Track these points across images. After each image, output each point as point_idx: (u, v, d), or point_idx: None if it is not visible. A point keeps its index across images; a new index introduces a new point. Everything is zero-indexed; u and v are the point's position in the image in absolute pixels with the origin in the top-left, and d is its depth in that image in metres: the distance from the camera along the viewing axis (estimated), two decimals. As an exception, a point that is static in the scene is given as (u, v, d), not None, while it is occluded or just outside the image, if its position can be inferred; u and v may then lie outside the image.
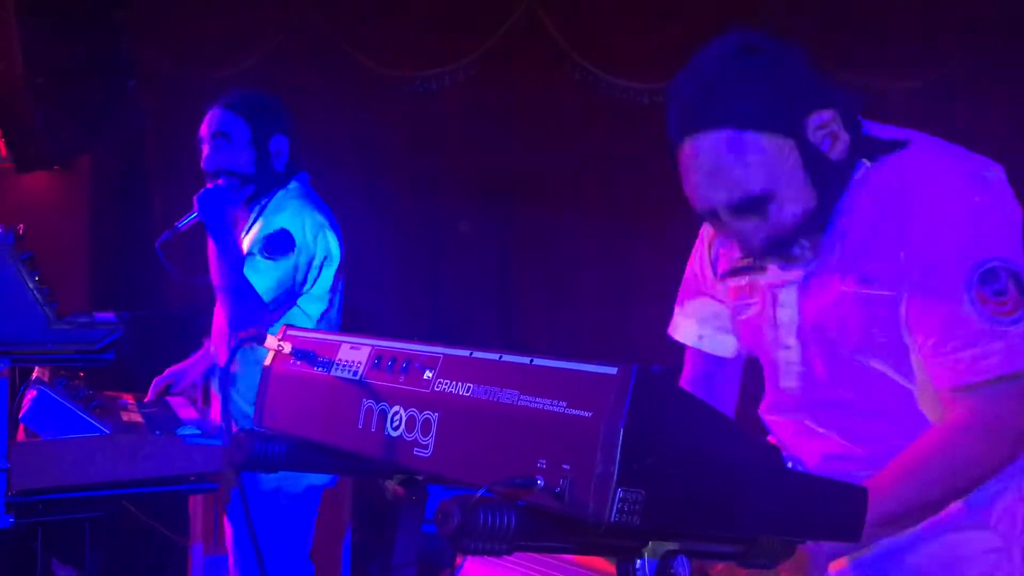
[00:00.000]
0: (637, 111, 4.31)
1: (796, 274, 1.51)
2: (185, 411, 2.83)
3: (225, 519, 2.76)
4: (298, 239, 2.56)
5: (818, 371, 1.52)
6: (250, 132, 2.65)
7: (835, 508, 1.08)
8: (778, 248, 1.46)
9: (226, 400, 1.23)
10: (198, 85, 4.67)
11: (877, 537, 1.39)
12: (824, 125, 1.41)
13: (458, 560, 1.73)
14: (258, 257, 2.53)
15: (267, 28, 4.69)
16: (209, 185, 2.61)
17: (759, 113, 1.37)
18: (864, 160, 1.47)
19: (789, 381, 1.56)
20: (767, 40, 1.42)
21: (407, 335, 1.22)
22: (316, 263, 2.62)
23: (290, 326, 1.34)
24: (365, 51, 4.59)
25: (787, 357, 1.55)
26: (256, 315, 2.54)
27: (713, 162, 1.39)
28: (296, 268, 2.57)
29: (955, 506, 1.44)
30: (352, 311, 2.87)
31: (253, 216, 2.70)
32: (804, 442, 1.57)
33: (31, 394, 2.42)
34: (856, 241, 1.46)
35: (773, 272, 1.54)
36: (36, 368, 2.59)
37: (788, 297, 1.53)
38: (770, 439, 1.63)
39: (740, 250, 1.53)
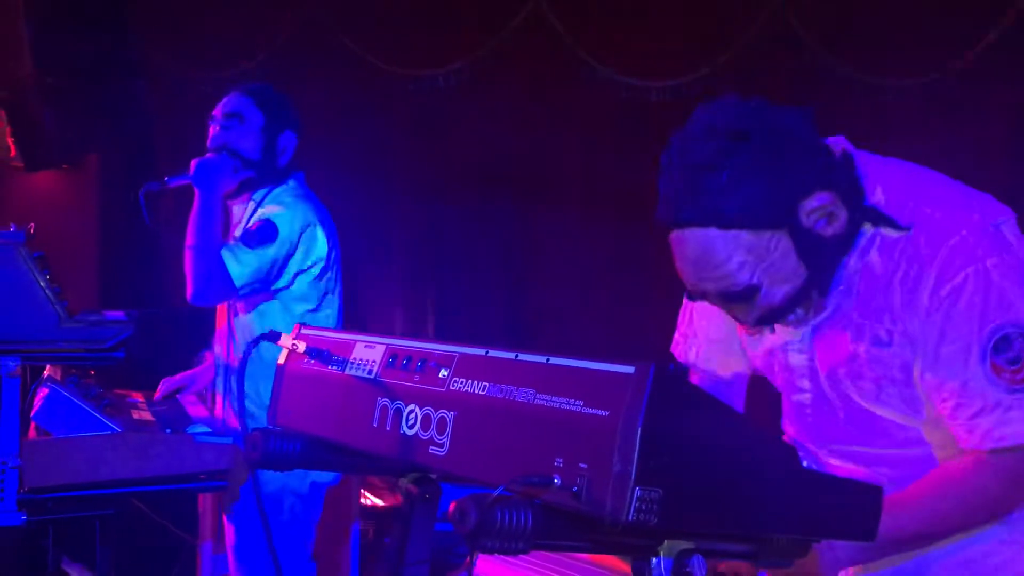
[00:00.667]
0: (644, 108, 4.32)
1: (802, 330, 1.51)
2: (195, 409, 2.84)
3: (225, 519, 2.75)
4: (282, 232, 2.55)
5: (830, 414, 1.54)
6: (263, 121, 2.67)
7: (850, 507, 1.08)
8: (772, 319, 1.45)
9: (241, 398, 1.23)
10: (205, 85, 4.68)
11: (887, 554, 1.41)
12: (820, 208, 1.37)
13: (468, 559, 1.73)
14: (239, 244, 2.54)
15: (274, 28, 4.70)
16: (211, 155, 2.62)
17: (746, 212, 1.33)
18: (868, 225, 1.44)
19: (803, 419, 1.58)
20: (766, 113, 1.37)
21: (414, 334, 1.23)
22: (296, 261, 2.61)
23: (304, 325, 1.34)
24: (371, 50, 4.60)
25: (800, 399, 1.57)
26: (220, 294, 2.55)
27: (699, 256, 1.37)
28: (274, 260, 2.56)
29: None
30: (359, 309, 2.87)
31: (250, 210, 2.70)
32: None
33: (43, 392, 2.42)
34: (867, 300, 1.45)
35: (780, 329, 1.53)
36: (47, 366, 2.60)
37: (800, 345, 1.53)
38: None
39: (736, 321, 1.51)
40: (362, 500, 3.80)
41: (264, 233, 2.53)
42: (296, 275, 2.63)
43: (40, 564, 2.82)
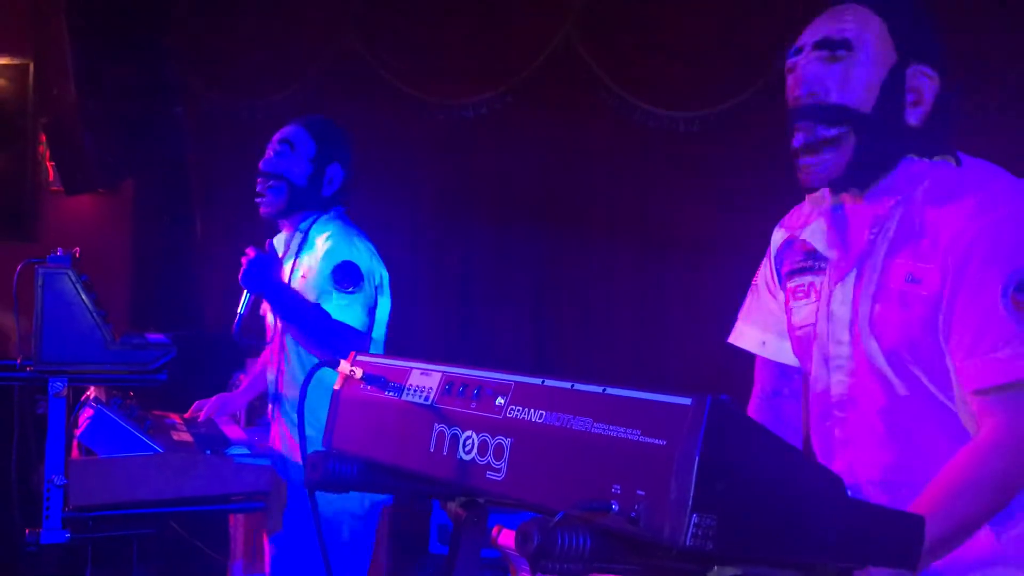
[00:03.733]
0: (672, 138, 4.37)
1: (851, 264, 1.56)
2: (231, 430, 2.89)
3: (266, 540, 2.79)
4: (363, 268, 2.65)
5: (864, 369, 1.54)
6: (314, 150, 2.78)
7: (892, 536, 1.11)
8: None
9: (301, 422, 1.27)
10: (241, 111, 4.79)
11: (927, 564, 1.42)
12: (920, 77, 1.51)
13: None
14: (336, 295, 2.58)
15: (309, 56, 4.80)
16: (243, 261, 2.58)
17: (889, 8, 1.51)
18: (912, 156, 1.53)
19: (839, 376, 1.57)
20: None
21: (442, 357, 1.28)
22: (379, 288, 2.73)
23: (360, 352, 1.39)
24: (404, 78, 4.68)
25: (838, 352, 1.57)
26: (356, 344, 2.58)
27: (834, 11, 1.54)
28: (368, 295, 2.65)
29: (984, 539, 1.45)
30: (388, 333, 2.93)
31: (298, 240, 2.77)
32: (843, 448, 1.59)
33: (88, 412, 2.48)
34: (904, 237, 1.51)
35: (831, 266, 1.59)
36: (91, 387, 2.67)
37: (844, 291, 1.57)
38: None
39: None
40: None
41: (350, 274, 2.61)
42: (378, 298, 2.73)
43: (79, 582, 2.87)
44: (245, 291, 2.59)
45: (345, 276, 2.61)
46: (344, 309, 2.58)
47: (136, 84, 4.40)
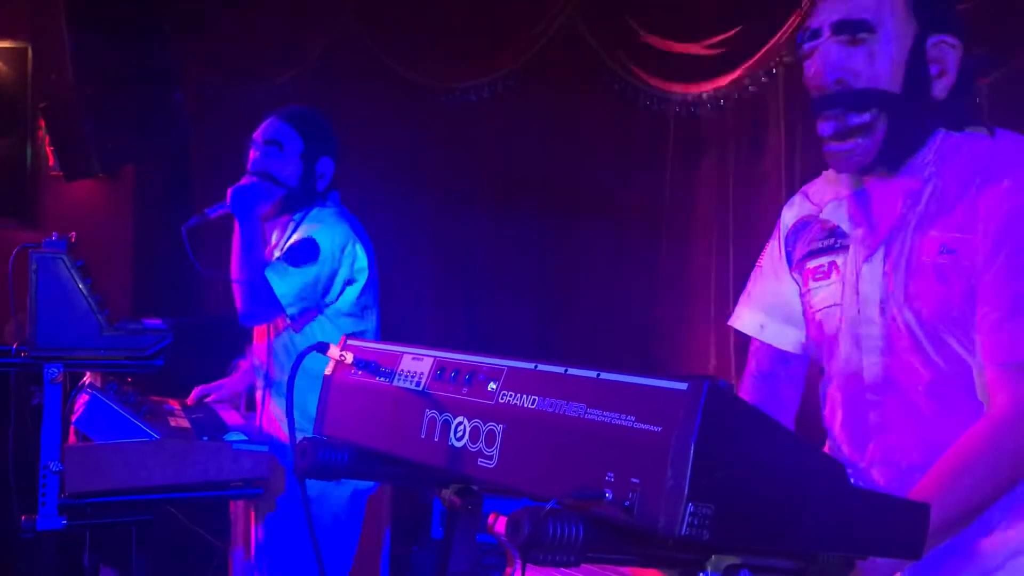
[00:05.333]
0: (674, 121, 4.33)
1: (879, 241, 1.52)
2: (230, 417, 2.87)
3: (254, 525, 2.77)
4: (324, 250, 2.59)
5: (902, 347, 1.49)
6: (302, 147, 2.71)
7: (896, 525, 1.08)
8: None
9: (290, 409, 1.24)
10: (240, 96, 4.75)
11: (931, 547, 1.39)
12: (942, 48, 1.47)
13: (507, 571, 1.74)
14: (283, 263, 2.58)
15: (309, 41, 4.76)
16: (245, 180, 2.66)
17: None
18: (942, 129, 1.50)
19: (873, 357, 1.53)
20: None
21: (444, 344, 1.25)
22: (341, 276, 2.64)
23: (350, 336, 1.36)
24: (405, 63, 4.65)
25: (870, 332, 1.53)
26: (269, 314, 2.59)
27: None
28: (318, 277, 2.60)
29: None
30: (389, 320, 2.89)
31: (290, 230, 2.74)
32: (868, 429, 1.55)
33: (83, 399, 2.47)
34: (936, 210, 1.47)
35: (856, 243, 1.55)
36: (87, 373, 2.65)
37: (872, 269, 1.53)
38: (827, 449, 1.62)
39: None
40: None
41: (306, 251, 2.57)
42: (344, 286, 2.66)
43: (78, 569, 2.86)
44: (225, 203, 2.60)
45: (299, 250, 2.58)
46: (279, 277, 2.55)
47: (135, 69, 4.35)
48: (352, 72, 4.75)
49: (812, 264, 1.63)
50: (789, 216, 1.73)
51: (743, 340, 1.85)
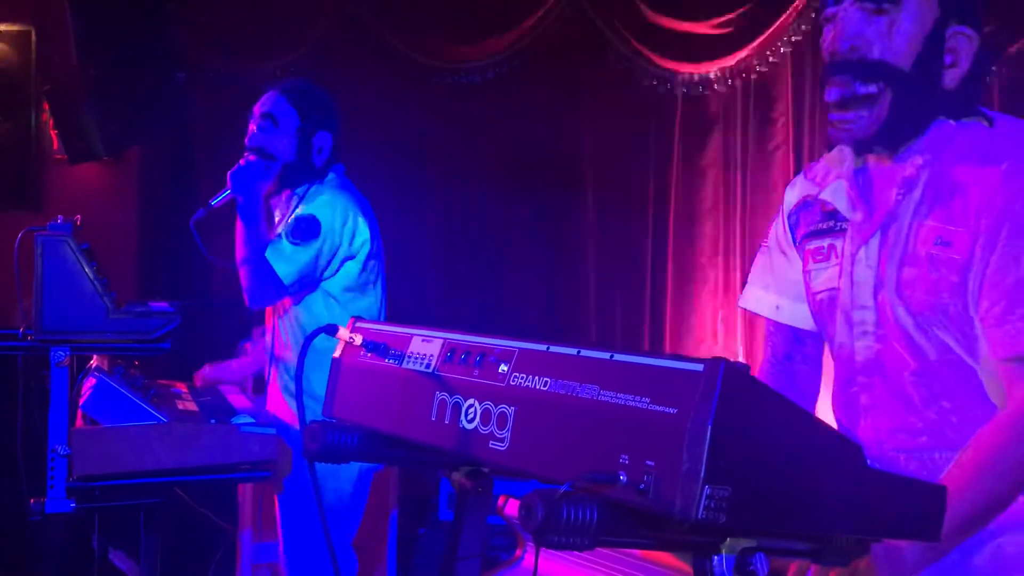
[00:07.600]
0: (681, 100, 4.30)
1: (876, 226, 1.51)
2: (237, 399, 2.87)
3: (276, 498, 2.79)
4: (325, 226, 2.58)
5: (892, 334, 1.49)
6: (298, 122, 2.69)
7: (914, 507, 1.07)
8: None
9: (299, 390, 1.23)
10: (244, 78, 4.72)
11: (954, 543, 1.38)
12: (958, 38, 1.45)
13: (517, 553, 1.73)
14: (284, 241, 2.57)
15: (312, 20, 4.73)
16: (242, 162, 2.65)
17: None
18: (943, 118, 1.48)
19: (865, 341, 1.52)
20: None
21: (451, 325, 1.23)
22: (342, 251, 2.64)
23: (359, 318, 1.35)
24: (410, 44, 4.62)
25: (862, 318, 1.52)
26: (272, 295, 2.59)
27: None
28: (319, 254, 2.59)
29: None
30: (394, 301, 2.88)
31: (293, 204, 2.72)
32: (866, 415, 1.54)
33: (90, 382, 2.46)
34: (932, 199, 1.46)
35: (854, 227, 1.54)
36: (94, 357, 2.64)
37: (867, 254, 1.52)
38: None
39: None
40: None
41: (308, 228, 2.56)
42: (344, 261, 2.65)
43: (86, 552, 2.87)
44: (227, 190, 2.59)
45: (299, 227, 2.57)
46: (278, 256, 2.55)
47: (139, 51, 4.33)
48: (356, 53, 4.72)
49: (812, 245, 1.63)
50: (791, 196, 1.72)
51: (749, 321, 1.83)
